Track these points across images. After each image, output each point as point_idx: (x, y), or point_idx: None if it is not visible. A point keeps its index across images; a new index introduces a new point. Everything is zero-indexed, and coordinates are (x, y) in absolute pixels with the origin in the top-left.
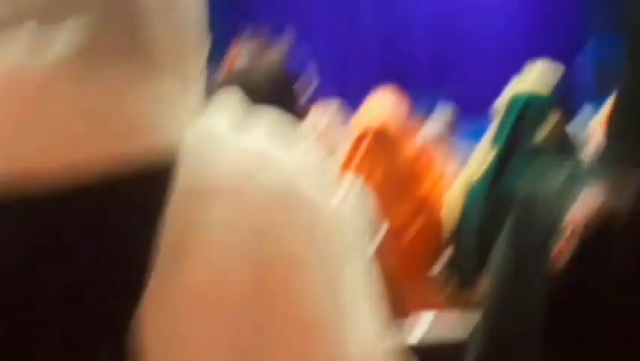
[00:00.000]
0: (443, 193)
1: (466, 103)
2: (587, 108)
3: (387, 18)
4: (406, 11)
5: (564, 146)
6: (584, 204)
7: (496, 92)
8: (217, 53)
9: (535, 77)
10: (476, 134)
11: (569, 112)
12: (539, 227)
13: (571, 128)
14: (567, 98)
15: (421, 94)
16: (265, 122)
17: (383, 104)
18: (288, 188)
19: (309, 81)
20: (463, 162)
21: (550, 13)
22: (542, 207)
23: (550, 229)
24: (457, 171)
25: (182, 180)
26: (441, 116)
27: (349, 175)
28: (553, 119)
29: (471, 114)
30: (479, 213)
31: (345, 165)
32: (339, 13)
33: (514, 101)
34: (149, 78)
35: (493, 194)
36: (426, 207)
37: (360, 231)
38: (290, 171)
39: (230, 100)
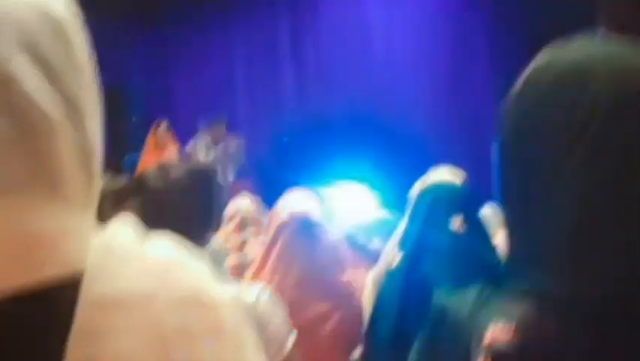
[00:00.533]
0: (361, 287)
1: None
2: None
3: (307, 112)
4: (325, 106)
5: (478, 233)
6: (493, 329)
7: (411, 182)
8: (139, 140)
9: (447, 171)
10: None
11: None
12: (453, 348)
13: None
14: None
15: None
16: (164, 237)
17: (301, 200)
18: (194, 293)
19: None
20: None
21: (464, 114)
22: (456, 328)
23: (464, 350)
24: (373, 265)
25: (89, 290)
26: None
27: (260, 279)
28: (466, 207)
29: (388, 204)
30: (393, 310)
31: (265, 255)
32: (260, 106)
33: (426, 191)
34: (52, 202)
35: (406, 289)
36: (344, 300)
37: (270, 334)
38: (196, 277)
39: (129, 219)
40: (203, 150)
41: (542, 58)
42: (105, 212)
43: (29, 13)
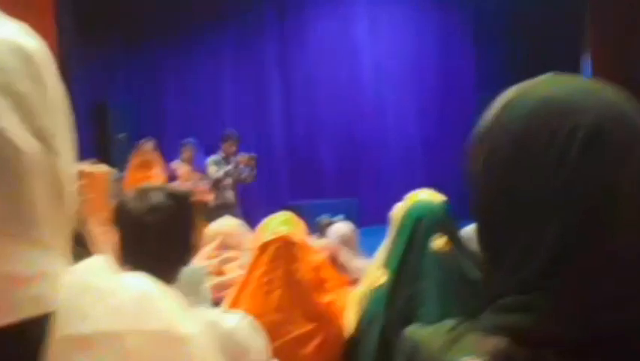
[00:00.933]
0: (343, 308)
1: (369, 210)
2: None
3: (295, 131)
4: (313, 125)
5: (462, 251)
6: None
7: (397, 198)
8: (125, 158)
9: (428, 192)
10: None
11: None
12: None
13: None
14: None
15: (327, 204)
16: (137, 273)
17: (284, 220)
18: (165, 330)
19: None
20: (362, 275)
21: (449, 131)
22: None
23: None
24: (357, 285)
25: (61, 329)
26: (340, 230)
27: (242, 301)
28: (448, 225)
29: (373, 220)
30: (377, 329)
31: (248, 275)
32: (249, 127)
33: (409, 210)
34: (25, 243)
35: (391, 308)
36: (326, 321)
37: None
38: (167, 313)
39: (101, 257)
40: (215, 165)
41: (510, 93)
42: (85, 238)
43: (2, 50)
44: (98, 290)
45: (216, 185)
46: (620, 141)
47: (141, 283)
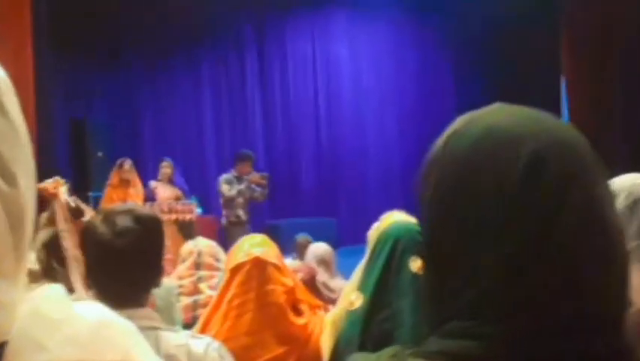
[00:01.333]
0: (318, 331)
1: (348, 230)
2: None
3: (274, 150)
4: (291, 144)
5: None
6: None
7: (375, 219)
8: (104, 176)
9: (401, 213)
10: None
11: None
12: None
13: None
14: None
15: (305, 223)
16: (92, 302)
17: (258, 242)
18: (122, 359)
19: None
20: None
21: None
22: None
23: None
24: (334, 306)
25: (16, 358)
26: (318, 250)
27: (213, 323)
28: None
29: (351, 241)
30: (352, 353)
31: (219, 298)
32: (227, 145)
33: (385, 231)
34: None
35: (367, 331)
36: (300, 344)
37: None
38: (122, 343)
39: (57, 287)
40: (226, 184)
41: (458, 122)
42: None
43: None
44: (54, 320)
45: (228, 203)
46: (562, 170)
47: (97, 311)
